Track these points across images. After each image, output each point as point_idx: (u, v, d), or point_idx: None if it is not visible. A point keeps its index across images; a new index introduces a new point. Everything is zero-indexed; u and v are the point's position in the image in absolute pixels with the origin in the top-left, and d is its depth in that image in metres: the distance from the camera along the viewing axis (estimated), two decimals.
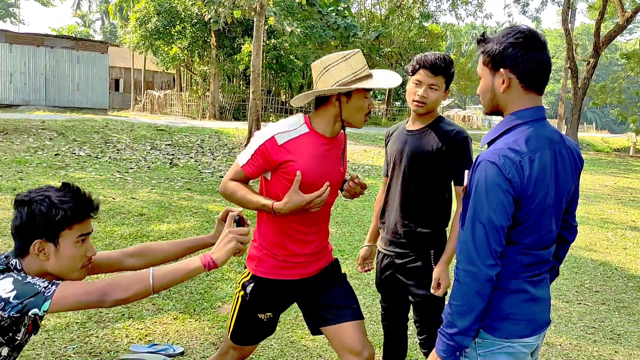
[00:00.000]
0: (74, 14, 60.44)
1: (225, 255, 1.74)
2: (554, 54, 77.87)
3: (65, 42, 23.42)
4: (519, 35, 1.64)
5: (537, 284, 1.72)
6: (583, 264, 6.03)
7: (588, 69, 27.23)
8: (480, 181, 1.61)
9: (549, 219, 1.68)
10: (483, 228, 1.59)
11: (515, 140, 1.62)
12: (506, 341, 1.67)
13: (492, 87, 1.71)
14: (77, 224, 1.66)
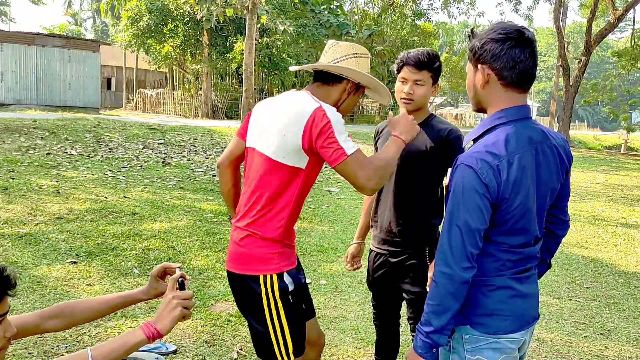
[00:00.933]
0: (65, 12, 60.08)
1: (171, 324, 1.62)
2: (546, 52, 78.21)
3: (56, 41, 23.29)
4: (501, 31, 1.62)
5: (523, 280, 1.73)
6: (574, 261, 6.07)
7: (580, 67, 27.38)
8: (457, 184, 1.61)
9: (532, 219, 1.68)
10: (459, 231, 1.59)
11: (495, 143, 1.61)
12: (492, 337, 1.68)
13: (474, 83, 1.71)
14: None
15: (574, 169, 17.10)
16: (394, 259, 2.58)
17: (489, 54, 1.62)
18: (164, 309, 1.64)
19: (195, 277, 4.62)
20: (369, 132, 21.56)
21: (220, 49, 24.61)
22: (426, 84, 2.46)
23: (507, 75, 1.63)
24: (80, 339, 3.42)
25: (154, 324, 1.60)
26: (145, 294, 1.92)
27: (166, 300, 1.65)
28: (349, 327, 3.85)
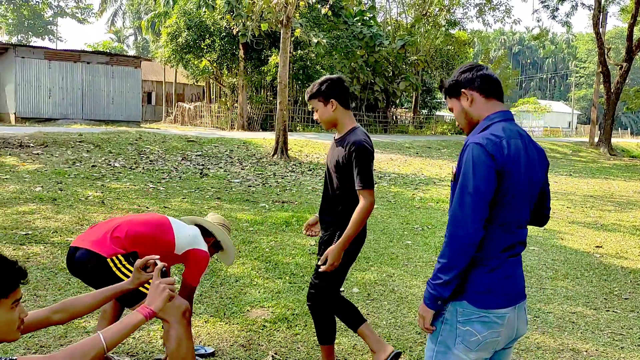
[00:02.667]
0: (108, 30, 62.28)
1: (162, 303, 1.99)
2: (586, 59, 76.35)
3: (100, 58, 24.21)
4: (464, 67, 2.13)
5: (514, 264, 2.03)
6: (613, 272, 5.97)
7: (621, 73, 26.70)
8: (467, 159, 1.92)
9: (523, 200, 1.98)
10: (471, 197, 1.88)
11: (493, 130, 1.98)
12: (484, 311, 1.96)
13: (462, 108, 2.11)
14: (11, 294, 1.75)
15: (616, 177, 16.67)
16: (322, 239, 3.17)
17: (466, 81, 2.09)
18: (154, 292, 2.00)
19: (232, 284, 4.78)
20: (402, 142, 21.55)
21: (256, 62, 25.07)
22: (319, 108, 3.07)
23: (486, 89, 2.07)
24: (124, 341, 3.60)
25: (148, 306, 1.95)
26: (130, 283, 2.26)
27: (154, 285, 2.02)
28: (381, 334, 3.92)
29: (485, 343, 1.96)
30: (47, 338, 3.57)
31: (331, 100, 3.02)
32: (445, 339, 2.00)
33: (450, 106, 2.18)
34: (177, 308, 2.82)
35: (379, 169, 14.42)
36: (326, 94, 3.03)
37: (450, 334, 1.99)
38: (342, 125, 3.07)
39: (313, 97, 3.07)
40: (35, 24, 57.06)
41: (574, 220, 8.84)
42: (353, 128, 3.05)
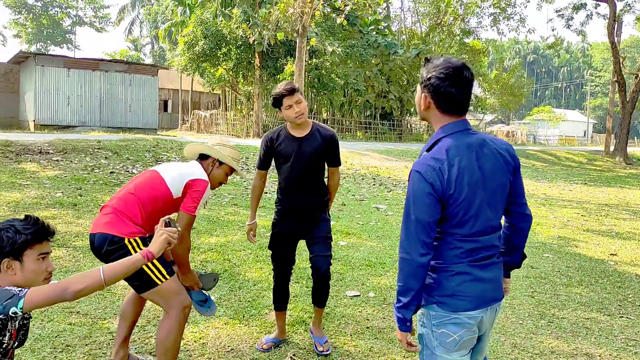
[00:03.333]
0: (125, 38, 63.21)
1: (159, 246, 2.21)
2: (602, 67, 75.78)
3: (118, 66, 24.61)
4: (443, 70, 2.00)
5: (483, 267, 2.06)
6: (627, 279, 5.98)
7: (637, 82, 26.52)
8: (409, 186, 2.01)
9: (482, 210, 2.02)
10: (413, 226, 1.97)
11: (438, 151, 2.00)
12: (453, 314, 2.03)
13: (420, 102, 2.12)
14: (37, 245, 2.06)
15: (632, 186, 16.55)
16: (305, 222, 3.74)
17: (431, 87, 2.03)
18: (155, 237, 2.25)
19: (250, 288, 4.88)
20: (417, 150, 21.57)
21: (271, 71, 25.32)
22: (303, 101, 3.52)
23: (442, 106, 2.05)
24: (147, 341, 3.73)
25: (148, 249, 2.20)
26: None
27: (157, 232, 2.26)
28: (396, 337, 4.00)
29: (463, 342, 2.05)
30: (72, 338, 3.70)
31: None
32: (427, 343, 2.10)
33: (417, 86, 2.18)
34: (180, 303, 2.98)
35: (394, 177, 14.48)
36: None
37: (429, 337, 2.08)
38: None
39: (296, 90, 3.50)
40: (54, 33, 58.12)
41: (589, 229, 8.83)
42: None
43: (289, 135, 3.57)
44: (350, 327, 4.17)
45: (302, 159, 3.54)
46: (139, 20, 62.67)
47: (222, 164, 3.29)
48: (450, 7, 31.19)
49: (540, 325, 4.44)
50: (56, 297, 1.93)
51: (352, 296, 4.84)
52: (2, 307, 1.87)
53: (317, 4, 14.09)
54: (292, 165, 3.55)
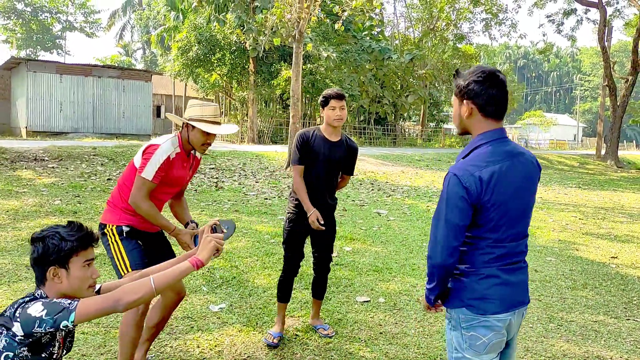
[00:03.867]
0: (116, 44, 62.96)
1: (208, 254, 2.19)
2: (591, 72, 76.57)
3: (111, 72, 24.51)
4: (481, 75, 2.07)
5: (511, 271, 2.12)
6: (630, 281, 6.05)
7: (627, 87, 26.82)
8: (444, 188, 2.06)
9: (515, 217, 2.09)
10: (443, 226, 2.03)
11: (476, 157, 2.05)
12: (483, 317, 2.08)
13: (460, 114, 2.16)
14: (82, 251, 2.05)
15: (625, 190, 16.73)
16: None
17: (472, 92, 2.08)
18: (202, 244, 2.22)
19: (260, 295, 4.88)
20: (412, 155, 21.68)
21: (266, 76, 25.34)
22: (345, 108, 3.84)
23: (487, 110, 2.09)
24: (162, 350, 3.72)
25: (197, 257, 2.18)
26: (196, 250, 2.41)
27: (203, 239, 2.25)
28: (410, 342, 4.02)
29: (492, 345, 2.09)
30: (87, 347, 3.69)
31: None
32: (457, 345, 2.15)
33: (452, 101, 2.24)
34: (177, 290, 3.25)
35: (392, 182, 14.53)
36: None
37: (459, 339, 2.14)
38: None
39: (344, 97, 3.82)
40: (44, 39, 57.76)
41: (588, 232, 8.92)
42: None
43: (323, 137, 3.87)
44: (364, 332, 4.18)
45: (331, 161, 3.86)
46: (130, 26, 62.45)
47: (194, 127, 3.15)
48: (443, 13, 31.41)
49: (550, 328, 4.48)
50: (108, 309, 1.94)
51: (363, 302, 4.86)
52: (52, 321, 1.87)
53: (313, 10, 14.13)
54: (321, 165, 3.84)
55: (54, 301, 1.92)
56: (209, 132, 3.12)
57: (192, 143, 3.18)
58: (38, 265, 2.04)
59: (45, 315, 1.86)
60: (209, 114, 3.15)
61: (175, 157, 3.14)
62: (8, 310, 1.94)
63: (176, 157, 3.16)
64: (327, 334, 4.03)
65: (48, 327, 1.87)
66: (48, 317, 1.86)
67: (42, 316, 1.86)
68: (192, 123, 3.10)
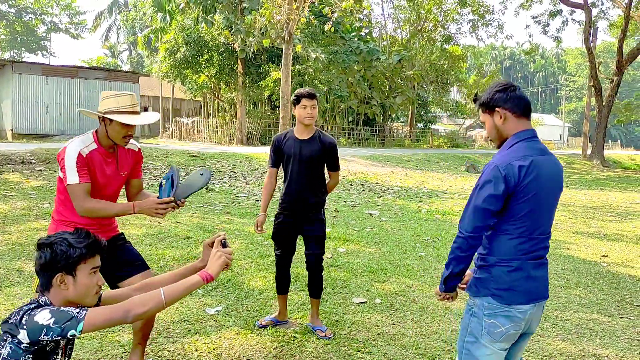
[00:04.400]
0: (102, 45, 62.41)
1: (218, 269, 2.19)
2: (576, 72, 77.41)
3: (98, 73, 24.29)
4: (500, 85, 2.35)
5: (536, 266, 2.28)
6: (621, 280, 6.12)
7: (612, 87, 27.14)
8: (484, 175, 2.25)
9: (545, 210, 2.26)
10: (472, 208, 2.25)
11: (514, 150, 2.25)
12: (506, 307, 2.24)
13: (494, 124, 2.36)
14: (90, 259, 2.05)
15: (612, 189, 16.93)
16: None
17: (500, 100, 2.32)
18: (212, 259, 2.21)
19: (256, 297, 4.86)
20: (401, 156, 21.76)
21: (254, 77, 25.28)
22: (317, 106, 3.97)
23: (517, 110, 2.31)
24: (160, 354, 3.68)
25: (206, 271, 2.17)
26: (201, 262, 2.41)
27: (213, 253, 2.24)
28: (409, 343, 4.03)
29: (508, 335, 2.25)
30: (84, 353, 3.64)
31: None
32: (474, 331, 2.30)
33: (482, 119, 2.44)
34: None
35: (382, 182, 14.56)
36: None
37: (477, 326, 2.29)
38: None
39: (316, 97, 3.95)
40: (29, 40, 57.08)
41: (577, 231, 9.00)
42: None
43: (293, 137, 3.99)
44: (362, 333, 4.18)
45: (301, 160, 3.94)
46: (116, 27, 61.94)
47: (112, 120, 2.94)
48: (430, 14, 31.57)
49: (545, 327, 4.51)
50: (117, 320, 1.92)
51: (359, 303, 4.86)
52: (60, 330, 1.85)
53: (302, 11, 14.12)
54: (293, 164, 3.97)
55: (62, 309, 1.90)
56: (129, 124, 2.94)
57: (111, 137, 2.99)
58: (44, 272, 2.01)
59: (53, 324, 1.84)
60: (125, 104, 2.95)
61: (90, 154, 2.94)
62: (13, 317, 1.91)
63: (91, 153, 2.95)
64: (325, 335, 4.03)
65: (55, 335, 1.85)
66: (56, 325, 1.84)
67: (49, 324, 1.84)
68: (109, 116, 2.90)
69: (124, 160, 3.19)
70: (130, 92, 3.06)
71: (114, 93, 2.99)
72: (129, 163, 3.22)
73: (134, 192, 3.36)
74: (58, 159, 2.93)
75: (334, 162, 4.10)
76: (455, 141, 36.68)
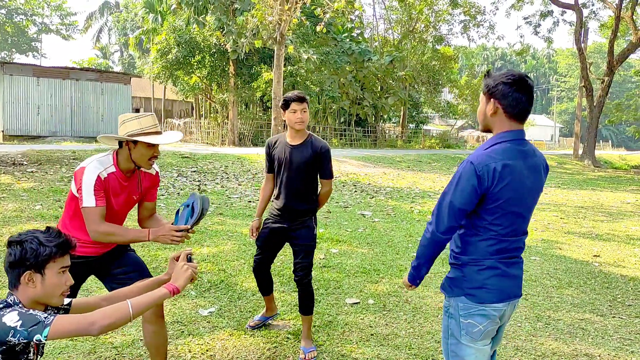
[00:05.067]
0: (93, 46, 62.07)
1: (184, 282, 2.23)
2: (567, 73, 77.90)
3: (89, 75, 24.17)
4: (510, 77, 2.20)
5: (509, 265, 2.26)
6: (613, 279, 6.15)
7: (603, 87, 27.33)
8: (458, 171, 2.19)
9: (519, 213, 2.22)
10: (446, 205, 2.19)
11: (494, 150, 2.18)
12: (481, 305, 2.22)
13: (485, 111, 2.28)
14: (59, 258, 2.03)
15: (603, 189, 17.04)
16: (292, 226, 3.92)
17: (500, 93, 2.20)
18: (179, 272, 2.24)
19: (249, 299, 4.85)
20: (393, 157, 21.79)
21: (246, 78, 25.23)
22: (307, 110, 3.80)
23: (510, 111, 2.21)
24: None
25: (173, 283, 2.20)
26: (167, 275, 2.45)
27: (179, 266, 2.27)
28: (402, 343, 4.03)
29: (487, 332, 2.25)
30: (76, 354, 3.62)
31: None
32: (454, 332, 2.29)
33: (480, 98, 2.36)
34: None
35: (374, 184, 14.57)
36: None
37: (456, 327, 2.27)
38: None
39: (306, 100, 3.77)
40: (19, 41, 56.69)
41: (569, 231, 9.05)
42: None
43: (284, 142, 3.86)
44: (355, 334, 4.17)
45: (292, 165, 3.80)
46: (107, 28, 61.66)
47: (136, 142, 2.88)
48: (422, 15, 31.66)
49: (538, 327, 4.53)
50: (82, 330, 1.91)
51: (352, 304, 4.85)
52: (27, 333, 1.84)
53: (294, 12, 14.12)
54: (283, 170, 3.84)
55: (30, 312, 1.89)
56: (154, 144, 2.87)
57: (136, 161, 2.91)
58: (13, 269, 2.00)
59: (20, 326, 1.84)
60: (149, 125, 2.91)
61: (108, 177, 2.87)
62: None
63: (109, 176, 2.88)
64: (303, 358, 3.68)
65: (22, 338, 1.85)
66: (22, 328, 1.84)
67: (17, 327, 1.84)
68: (135, 138, 2.84)
69: (140, 184, 3.12)
70: (150, 113, 3.01)
71: (134, 115, 2.93)
72: (145, 186, 3.15)
73: (146, 215, 3.24)
74: (75, 178, 2.83)
75: (326, 168, 3.86)
76: (447, 142, 36.80)
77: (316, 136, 3.92)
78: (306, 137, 3.84)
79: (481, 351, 2.27)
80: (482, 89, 2.31)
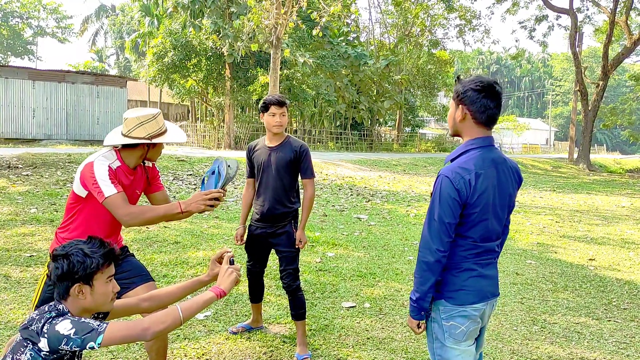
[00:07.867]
0: (89, 49, 61.98)
1: (230, 285, 2.26)
2: (561, 77, 78.27)
3: (85, 78, 24.12)
4: (479, 84, 2.21)
5: (485, 266, 2.31)
6: (608, 283, 6.17)
7: (597, 92, 27.46)
8: (436, 190, 2.21)
9: (492, 220, 2.26)
10: (436, 224, 2.18)
11: (467, 161, 2.20)
12: (461, 307, 2.26)
13: (454, 116, 2.30)
14: (106, 268, 2.07)
15: (598, 192, 17.10)
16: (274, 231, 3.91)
17: (468, 99, 2.23)
18: (224, 276, 2.27)
19: (245, 302, 4.83)
20: (389, 160, 21.82)
21: (242, 82, 25.24)
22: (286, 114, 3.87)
23: (479, 117, 2.23)
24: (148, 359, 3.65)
25: (219, 287, 2.22)
26: (208, 276, 2.48)
27: (224, 270, 2.29)
28: (398, 347, 4.03)
29: (469, 332, 2.29)
30: None
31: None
32: (438, 335, 2.31)
33: (450, 103, 2.38)
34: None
35: (370, 186, 14.58)
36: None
37: (439, 330, 2.30)
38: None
39: (285, 104, 3.83)
40: (15, 44, 56.58)
41: (565, 235, 9.08)
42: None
43: (264, 145, 3.91)
44: (351, 338, 4.17)
45: (271, 168, 3.83)
46: (103, 31, 61.58)
47: (155, 144, 2.95)
48: (418, 19, 31.77)
49: (533, 331, 4.54)
50: (136, 336, 1.94)
51: (349, 307, 4.85)
52: (80, 341, 1.86)
53: (290, 15, 14.14)
54: (262, 173, 3.86)
55: (82, 320, 1.91)
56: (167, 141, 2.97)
57: (151, 158, 3.03)
58: (61, 282, 2.02)
59: (74, 335, 1.86)
60: (162, 123, 2.96)
61: (116, 169, 2.87)
62: (34, 324, 1.92)
63: (117, 169, 2.89)
64: None
65: (75, 346, 1.86)
66: (76, 336, 1.86)
67: (70, 334, 1.86)
68: (157, 140, 2.88)
69: (142, 178, 3.14)
70: (158, 110, 3.00)
71: (151, 115, 2.89)
72: (145, 180, 3.15)
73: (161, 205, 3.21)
74: (84, 175, 2.78)
75: (307, 167, 3.87)
76: (443, 145, 36.88)
77: (294, 137, 3.97)
78: (284, 138, 3.89)
79: (466, 352, 2.30)
80: (452, 94, 2.35)
